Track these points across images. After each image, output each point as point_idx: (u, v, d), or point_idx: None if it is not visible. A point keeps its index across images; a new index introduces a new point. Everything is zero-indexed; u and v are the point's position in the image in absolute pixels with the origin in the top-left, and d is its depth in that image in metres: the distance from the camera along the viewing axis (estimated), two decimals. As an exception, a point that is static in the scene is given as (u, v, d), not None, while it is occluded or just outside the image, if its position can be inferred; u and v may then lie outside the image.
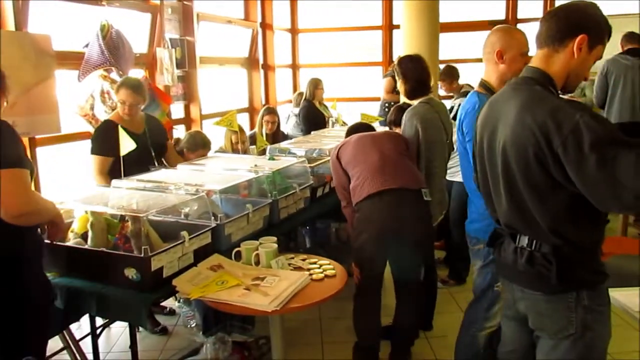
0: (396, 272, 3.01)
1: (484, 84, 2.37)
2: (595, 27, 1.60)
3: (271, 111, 5.01)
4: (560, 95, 1.66)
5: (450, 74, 5.01)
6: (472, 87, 3.68)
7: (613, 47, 4.87)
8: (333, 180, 3.14)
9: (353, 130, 3.31)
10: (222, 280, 2.23)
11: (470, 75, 6.46)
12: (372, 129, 3.39)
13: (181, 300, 3.44)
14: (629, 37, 4.89)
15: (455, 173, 3.88)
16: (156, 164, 3.38)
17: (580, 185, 1.45)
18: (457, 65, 5.21)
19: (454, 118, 3.35)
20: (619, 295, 1.97)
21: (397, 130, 3.43)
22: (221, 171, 3.21)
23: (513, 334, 1.85)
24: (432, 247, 3.12)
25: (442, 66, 5.22)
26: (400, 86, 3.22)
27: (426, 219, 2.88)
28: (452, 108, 4.17)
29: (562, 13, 1.62)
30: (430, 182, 3.06)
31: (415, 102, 3.20)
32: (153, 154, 3.38)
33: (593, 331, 1.62)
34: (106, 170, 3.17)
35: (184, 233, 2.29)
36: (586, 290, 1.60)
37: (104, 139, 3.20)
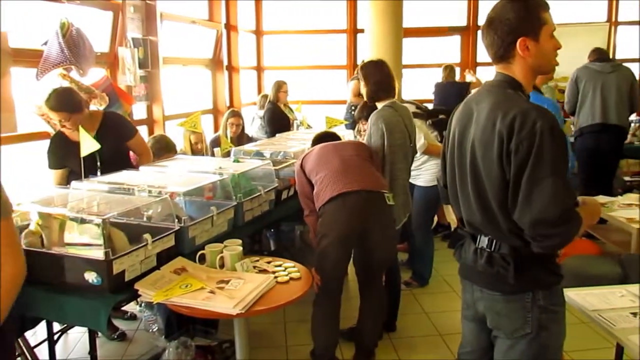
0: (360, 274, 3.03)
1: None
2: (525, 22, 1.61)
3: (235, 114, 4.97)
4: None
5: None
6: None
7: (582, 57, 5.08)
8: (297, 188, 3.16)
9: (319, 139, 3.33)
10: (186, 283, 2.20)
11: (433, 79, 6.60)
12: (338, 137, 3.42)
13: (143, 304, 3.37)
14: (596, 51, 5.11)
15: (417, 176, 3.95)
16: (98, 166, 3.18)
17: (515, 185, 1.53)
18: (419, 70, 5.32)
19: None
20: (575, 295, 2.04)
21: (364, 124, 3.51)
22: (185, 173, 3.16)
23: (472, 334, 1.88)
24: (395, 249, 3.16)
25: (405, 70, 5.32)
26: (362, 89, 3.29)
27: (389, 221, 2.92)
28: None
29: (492, 31, 1.65)
30: (394, 185, 3.10)
31: (379, 105, 3.25)
32: (98, 157, 3.18)
33: (548, 330, 1.66)
34: (65, 182, 3.10)
35: (147, 236, 2.24)
36: (542, 290, 1.64)
37: (54, 152, 3.16)
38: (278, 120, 5.57)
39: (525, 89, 1.67)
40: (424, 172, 3.99)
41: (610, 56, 7.43)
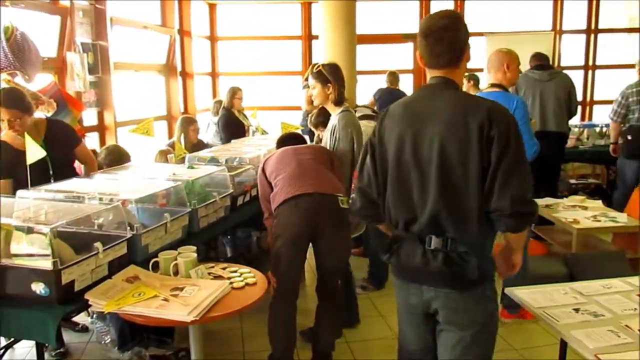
0: (318, 275, 3.06)
1: (499, 85, 3.35)
2: (467, 33, 1.82)
3: (195, 120, 4.94)
4: None
5: None
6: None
7: (528, 65, 5.25)
8: (258, 191, 3.17)
9: (283, 140, 3.34)
10: (139, 291, 2.17)
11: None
12: (302, 138, 3.44)
13: (94, 315, 3.29)
14: (537, 56, 5.27)
15: None
16: (51, 174, 3.11)
17: (494, 173, 1.67)
18: (373, 76, 5.41)
19: None
20: (522, 294, 2.11)
21: (322, 131, 3.49)
22: (138, 180, 3.11)
23: (416, 334, 1.95)
24: (349, 251, 3.19)
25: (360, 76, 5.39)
26: (327, 90, 3.22)
27: (342, 223, 2.93)
28: None
29: (446, 41, 1.78)
30: None
31: (338, 110, 3.27)
32: (51, 171, 3.12)
33: (493, 318, 1.83)
34: (10, 192, 2.98)
35: (98, 244, 2.19)
36: (488, 282, 1.80)
37: None
38: (233, 127, 5.54)
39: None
40: None
41: (555, 63, 7.76)
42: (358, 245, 4.90)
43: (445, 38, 1.77)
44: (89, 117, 4.82)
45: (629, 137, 5.03)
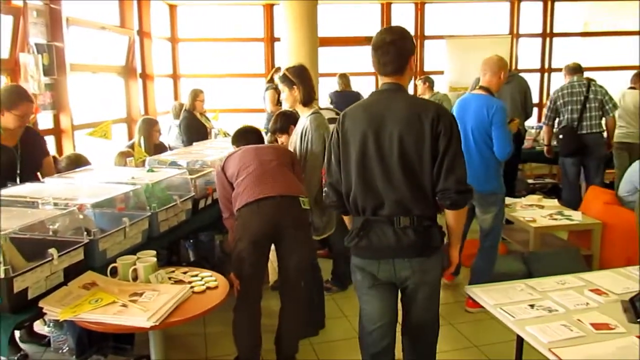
0: (279, 278, 3.06)
1: (486, 88, 3.59)
2: (413, 45, 2.17)
3: (157, 121, 4.86)
4: None
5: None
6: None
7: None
8: (217, 190, 3.13)
9: (239, 134, 3.31)
10: (96, 298, 2.12)
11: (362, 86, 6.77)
12: (259, 132, 3.39)
13: (51, 324, 3.19)
14: None
15: None
16: (18, 181, 3.08)
17: (442, 160, 2.04)
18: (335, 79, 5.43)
19: None
20: (480, 291, 2.16)
21: (284, 138, 3.48)
22: (95, 184, 3.03)
23: (381, 307, 2.24)
24: (311, 253, 3.21)
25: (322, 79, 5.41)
26: (294, 92, 3.25)
27: (303, 224, 2.96)
28: None
29: (394, 51, 2.10)
30: None
31: (306, 111, 3.28)
32: (19, 171, 3.10)
33: (444, 270, 2.27)
34: None
35: (52, 250, 2.14)
36: (440, 247, 2.19)
37: None
38: (195, 129, 5.48)
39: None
40: None
41: (513, 66, 7.96)
42: (323, 247, 4.91)
43: (390, 51, 2.08)
44: (45, 120, 4.68)
45: (561, 137, 5.27)
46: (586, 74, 6.27)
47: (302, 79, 3.25)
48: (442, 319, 3.62)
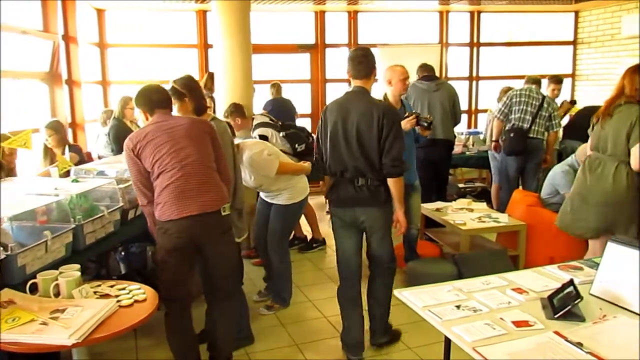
0: (206, 285, 3.03)
1: (385, 97, 4.10)
2: (374, 61, 3.13)
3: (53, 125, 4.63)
4: None
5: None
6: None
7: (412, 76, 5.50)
8: (130, 175, 2.85)
9: (144, 95, 2.87)
10: (13, 317, 2.01)
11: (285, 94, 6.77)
12: (167, 96, 2.94)
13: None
14: (423, 67, 5.56)
15: (276, 195, 3.89)
16: None
17: (384, 143, 2.99)
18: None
19: None
20: (409, 294, 2.20)
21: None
22: (14, 196, 2.88)
23: (350, 242, 3.21)
24: (237, 252, 3.20)
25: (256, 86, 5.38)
26: (186, 105, 3.15)
27: (226, 230, 2.90)
28: None
29: (364, 61, 3.07)
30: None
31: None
32: None
33: (390, 222, 3.22)
34: None
35: (-36, 268, 2.01)
36: (389, 202, 3.12)
37: None
38: (124, 137, 5.16)
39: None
40: (286, 191, 3.88)
41: (443, 74, 8.24)
42: (257, 255, 4.86)
43: (362, 62, 3.07)
44: (-40, 128, 4.40)
45: (511, 135, 5.48)
46: (510, 83, 6.58)
47: (191, 89, 3.17)
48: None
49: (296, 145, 4.78)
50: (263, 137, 4.65)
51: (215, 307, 3.02)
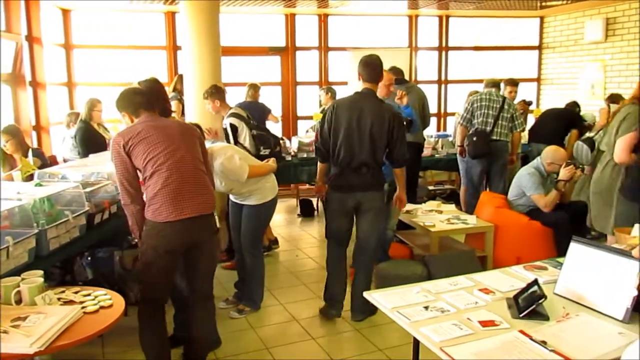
0: (191, 285, 3.01)
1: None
2: (382, 66, 3.65)
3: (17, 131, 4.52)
4: None
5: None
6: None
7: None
8: (116, 171, 2.77)
9: (128, 97, 2.88)
10: (-28, 325, 1.94)
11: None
12: (149, 96, 2.94)
13: None
14: (393, 70, 5.57)
15: (248, 197, 3.85)
16: None
17: (394, 142, 3.59)
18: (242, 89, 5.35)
19: None
20: (378, 296, 2.21)
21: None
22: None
23: (345, 222, 3.73)
24: (218, 252, 3.24)
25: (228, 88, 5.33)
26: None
27: (214, 231, 2.96)
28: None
29: (379, 70, 3.61)
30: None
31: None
32: None
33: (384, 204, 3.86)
34: None
35: None
36: (383, 187, 3.76)
37: None
38: (92, 140, 5.20)
39: None
40: (256, 192, 3.83)
41: (413, 78, 8.32)
42: (230, 258, 4.82)
43: (376, 68, 3.56)
44: None
45: (475, 139, 5.59)
46: (478, 86, 6.68)
47: (155, 92, 3.17)
48: (349, 326, 3.73)
49: (261, 148, 4.70)
50: (233, 127, 4.59)
51: (197, 308, 3.01)
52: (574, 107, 6.72)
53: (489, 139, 5.57)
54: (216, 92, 4.69)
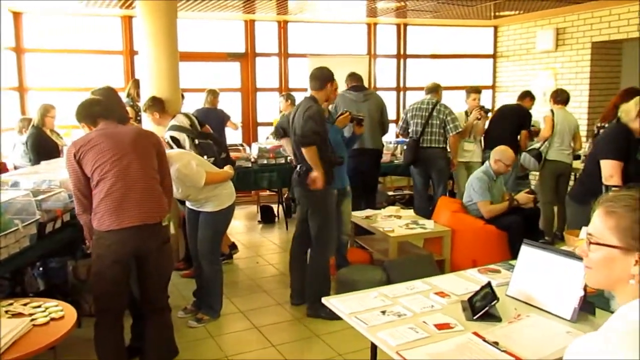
0: (143, 295, 2.96)
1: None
2: (329, 78, 4.01)
3: None
4: None
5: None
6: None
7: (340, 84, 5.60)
8: (70, 181, 2.79)
9: (85, 108, 2.89)
10: None
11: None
12: (107, 104, 2.95)
13: None
14: (352, 76, 5.62)
15: (205, 204, 3.80)
16: None
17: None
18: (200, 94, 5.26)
19: None
20: (336, 301, 2.23)
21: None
22: None
23: (301, 226, 4.14)
24: (173, 263, 3.18)
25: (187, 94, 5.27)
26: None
27: (165, 241, 2.92)
28: None
29: (319, 75, 3.98)
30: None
31: None
32: None
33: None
34: None
35: None
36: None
37: None
38: (44, 147, 5.06)
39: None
40: (213, 198, 3.79)
41: (372, 85, 8.41)
42: (188, 267, 4.76)
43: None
44: None
45: (405, 148, 5.93)
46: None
47: (111, 100, 3.15)
48: (309, 332, 3.73)
49: (205, 157, 4.58)
50: (174, 139, 4.50)
51: (149, 319, 2.96)
52: (525, 96, 6.47)
53: (416, 147, 5.78)
54: (154, 104, 4.58)
